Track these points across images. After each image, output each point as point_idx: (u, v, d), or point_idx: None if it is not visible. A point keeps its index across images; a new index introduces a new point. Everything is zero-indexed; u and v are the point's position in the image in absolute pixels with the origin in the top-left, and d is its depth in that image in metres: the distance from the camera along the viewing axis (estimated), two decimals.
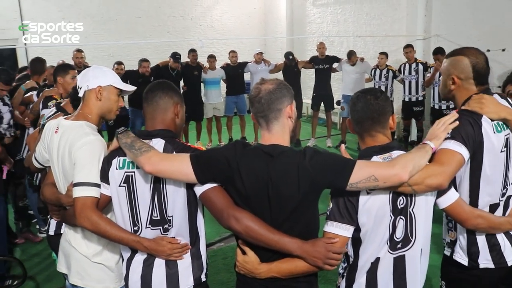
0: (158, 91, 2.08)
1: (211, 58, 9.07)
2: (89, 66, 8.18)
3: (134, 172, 2.00)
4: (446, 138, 1.97)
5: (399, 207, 1.86)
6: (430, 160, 1.90)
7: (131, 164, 2.00)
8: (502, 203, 2.17)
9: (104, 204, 2.08)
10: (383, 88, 8.42)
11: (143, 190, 2.00)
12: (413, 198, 1.88)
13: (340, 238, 1.81)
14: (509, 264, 2.19)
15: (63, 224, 2.78)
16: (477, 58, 2.12)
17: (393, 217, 1.85)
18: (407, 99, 8.31)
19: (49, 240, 2.90)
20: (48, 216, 2.88)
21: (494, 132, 2.07)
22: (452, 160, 1.92)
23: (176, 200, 1.98)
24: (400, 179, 1.72)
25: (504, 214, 2.19)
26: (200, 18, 12.97)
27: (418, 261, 1.94)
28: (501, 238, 2.18)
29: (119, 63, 8.24)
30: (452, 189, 2.01)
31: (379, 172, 1.72)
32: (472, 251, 2.18)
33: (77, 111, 2.27)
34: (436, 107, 7.82)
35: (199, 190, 1.88)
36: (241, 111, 9.54)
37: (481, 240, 2.17)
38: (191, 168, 1.81)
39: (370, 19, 10.52)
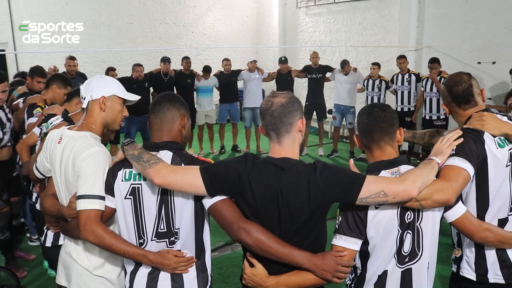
0: (165, 102, 2.06)
1: (206, 72, 8.96)
2: (82, 73, 8.06)
3: (140, 184, 1.97)
4: (451, 155, 2.01)
5: (407, 222, 1.88)
6: (436, 177, 1.93)
7: (137, 176, 1.98)
8: (510, 218, 2.19)
9: (108, 217, 2.05)
10: (375, 99, 8.49)
11: (150, 202, 1.97)
12: (421, 213, 1.90)
13: (348, 251, 1.83)
14: None
15: (62, 235, 2.74)
16: (451, 82, 2.26)
17: (400, 231, 1.88)
18: (399, 109, 8.37)
19: (45, 252, 2.85)
20: (45, 228, 2.83)
21: (497, 148, 2.12)
22: (459, 176, 1.95)
23: (183, 212, 1.96)
24: (410, 194, 1.74)
25: None
26: (193, 25, 12.95)
27: (425, 274, 1.95)
28: (511, 252, 2.20)
29: (112, 69, 8.18)
30: (460, 202, 2.03)
31: (389, 188, 1.73)
32: (480, 266, 2.20)
33: (80, 122, 2.23)
34: (427, 117, 7.89)
35: (208, 202, 1.86)
36: (234, 119, 9.53)
37: (491, 255, 2.19)
38: (201, 181, 1.80)
39: (363, 29, 10.61)
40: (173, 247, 2.00)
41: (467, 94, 2.22)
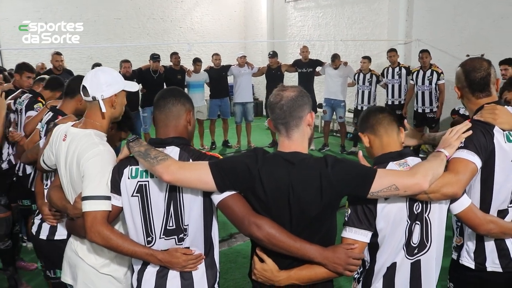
0: (170, 98, 2.02)
1: (198, 62, 8.98)
2: (68, 70, 7.85)
3: (148, 181, 1.94)
4: (459, 148, 2.02)
5: (415, 213, 1.90)
6: (444, 169, 1.94)
7: (144, 173, 1.94)
8: (510, 210, 2.21)
9: (114, 216, 2.01)
10: (366, 93, 8.52)
11: (158, 199, 1.94)
12: (429, 204, 1.92)
13: (359, 243, 1.84)
14: None
15: (58, 231, 2.72)
16: (470, 67, 2.19)
17: (409, 223, 1.89)
18: (390, 102, 8.40)
19: (39, 244, 2.78)
20: (38, 218, 2.77)
21: (506, 142, 2.12)
22: (467, 170, 1.96)
23: (192, 209, 1.93)
24: (421, 188, 1.76)
25: None
26: (180, 20, 12.87)
27: (433, 265, 1.98)
28: (510, 243, 2.23)
29: (97, 65, 8.09)
30: (465, 195, 2.04)
31: (400, 181, 1.74)
32: (479, 256, 2.23)
33: (83, 119, 2.18)
34: (420, 110, 7.94)
35: (217, 198, 1.84)
36: (225, 114, 9.49)
37: (490, 245, 2.22)
38: (211, 176, 1.78)
39: (352, 23, 10.63)
40: (181, 244, 1.97)
41: (484, 82, 2.17)
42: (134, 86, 2.26)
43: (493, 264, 2.22)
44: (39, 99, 4.23)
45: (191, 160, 1.93)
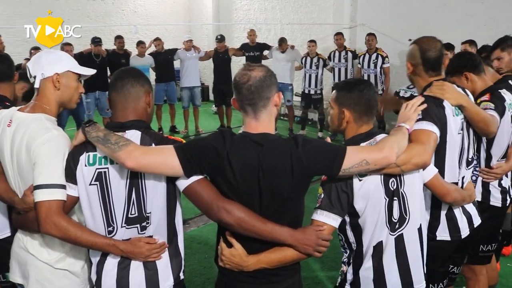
0: (129, 78, 1.91)
1: (141, 44, 8.73)
2: (5, 53, 7.41)
3: (107, 168, 1.83)
4: (418, 120, 2.11)
5: (392, 189, 1.95)
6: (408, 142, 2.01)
7: (103, 159, 1.83)
8: (460, 182, 2.37)
9: (70, 207, 1.89)
10: (313, 76, 8.59)
11: (118, 187, 1.83)
12: (402, 178, 1.98)
13: (328, 226, 1.85)
14: (463, 237, 2.40)
15: (3, 229, 2.48)
16: (427, 46, 2.30)
17: (387, 199, 1.94)
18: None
19: None
20: None
21: (453, 116, 2.26)
22: (430, 139, 2.07)
23: (155, 195, 1.85)
24: (389, 160, 1.81)
25: None
26: (123, 3, 12.36)
27: (417, 238, 2.03)
28: (458, 212, 2.38)
29: (36, 48, 7.64)
30: (431, 164, 2.13)
31: (370, 156, 1.78)
32: (432, 226, 2.36)
33: (32, 102, 2.01)
34: None
35: (183, 183, 1.76)
36: (171, 99, 9.29)
37: (440, 214, 2.36)
38: (177, 161, 1.70)
39: (298, 7, 10.65)
40: (144, 233, 1.88)
41: (438, 62, 2.32)
42: (87, 70, 2.11)
43: (443, 233, 2.36)
44: None
45: (153, 145, 1.84)
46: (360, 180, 1.87)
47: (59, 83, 1.99)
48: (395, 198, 1.95)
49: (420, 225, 2.05)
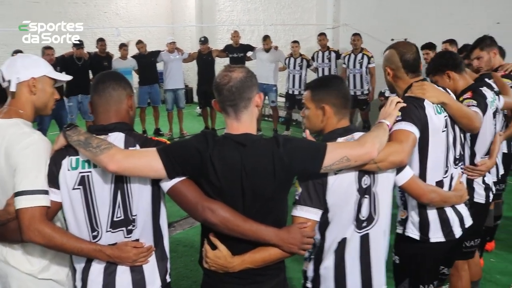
0: (110, 81, 1.89)
1: (124, 46, 8.67)
2: None
3: (90, 171, 1.80)
4: (397, 121, 2.12)
5: (364, 187, 1.94)
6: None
7: (86, 163, 1.80)
8: (445, 180, 2.37)
9: (54, 213, 1.85)
10: (297, 77, 8.63)
11: (103, 190, 1.81)
12: (376, 177, 1.98)
13: (311, 221, 1.85)
14: (457, 237, 2.41)
15: None
16: (404, 49, 2.34)
17: (359, 196, 1.93)
18: None
19: None
20: None
21: (436, 114, 2.28)
22: (408, 139, 2.08)
23: (141, 197, 1.83)
24: (371, 156, 1.82)
25: (449, 190, 2.40)
26: (105, 5, 12.26)
27: (382, 238, 2.03)
28: (450, 213, 2.38)
29: (17, 52, 7.54)
30: (408, 166, 2.14)
31: (351, 152, 1.79)
32: (424, 226, 2.36)
33: (6, 107, 1.96)
34: (352, 93, 8.14)
35: (167, 184, 1.75)
36: (155, 101, 9.24)
37: (432, 215, 2.35)
38: (161, 163, 1.69)
39: (281, 8, 10.69)
40: (130, 236, 1.86)
41: (417, 64, 2.36)
42: (63, 76, 2.08)
43: (436, 234, 2.36)
44: None
45: (137, 146, 1.83)
46: (335, 174, 1.87)
47: (35, 87, 1.95)
48: (366, 196, 1.95)
49: (386, 227, 2.05)
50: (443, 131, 2.33)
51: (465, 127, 2.47)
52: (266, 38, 8.79)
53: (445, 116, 2.35)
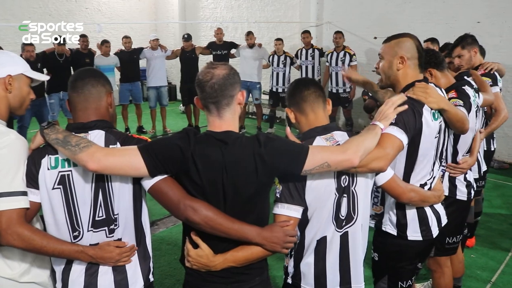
0: (89, 78, 1.86)
1: (106, 43, 8.55)
2: None
3: (70, 170, 1.76)
4: (390, 124, 2.05)
5: (343, 186, 1.94)
6: None
7: (66, 162, 1.76)
8: (429, 183, 2.36)
9: (33, 214, 1.80)
10: (281, 74, 8.63)
11: (83, 189, 1.78)
12: (355, 177, 1.97)
13: (293, 219, 1.85)
14: (434, 236, 2.42)
15: None
16: (418, 41, 2.27)
17: (337, 196, 1.93)
18: None
19: None
20: None
21: (432, 120, 2.23)
22: (394, 146, 2.00)
23: (122, 196, 1.81)
24: (352, 163, 1.79)
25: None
26: (86, 1, 12.08)
27: (360, 236, 2.03)
28: (429, 212, 2.38)
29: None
30: (389, 167, 2.10)
31: (332, 158, 1.76)
32: (401, 224, 2.37)
33: None
34: (334, 90, 8.20)
35: (148, 183, 1.73)
36: (137, 99, 9.14)
37: (411, 214, 2.36)
38: (142, 161, 1.67)
39: (264, 5, 10.66)
40: (112, 236, 1.83)
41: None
42: (40, 76, 2.03)
43: (414, 233, 2.36)
44: None
45: (118, 144, 1.80)
46: None
47: (11, 86, 1.89)
48: (345, 195, 1.94)
49: (365, 226, 2.06)
50: (435, 137, 2.29)
51: (458, 130, 2.45)
52: (249, 33, 8.79)
53: (440, 122, 2.30)
